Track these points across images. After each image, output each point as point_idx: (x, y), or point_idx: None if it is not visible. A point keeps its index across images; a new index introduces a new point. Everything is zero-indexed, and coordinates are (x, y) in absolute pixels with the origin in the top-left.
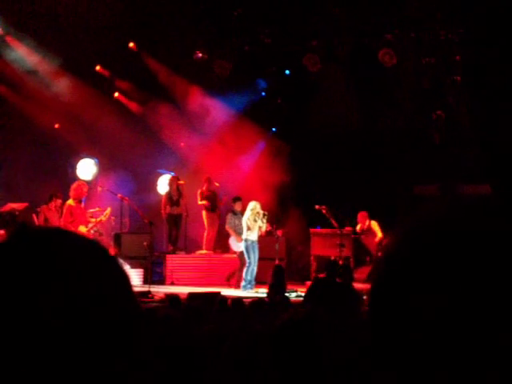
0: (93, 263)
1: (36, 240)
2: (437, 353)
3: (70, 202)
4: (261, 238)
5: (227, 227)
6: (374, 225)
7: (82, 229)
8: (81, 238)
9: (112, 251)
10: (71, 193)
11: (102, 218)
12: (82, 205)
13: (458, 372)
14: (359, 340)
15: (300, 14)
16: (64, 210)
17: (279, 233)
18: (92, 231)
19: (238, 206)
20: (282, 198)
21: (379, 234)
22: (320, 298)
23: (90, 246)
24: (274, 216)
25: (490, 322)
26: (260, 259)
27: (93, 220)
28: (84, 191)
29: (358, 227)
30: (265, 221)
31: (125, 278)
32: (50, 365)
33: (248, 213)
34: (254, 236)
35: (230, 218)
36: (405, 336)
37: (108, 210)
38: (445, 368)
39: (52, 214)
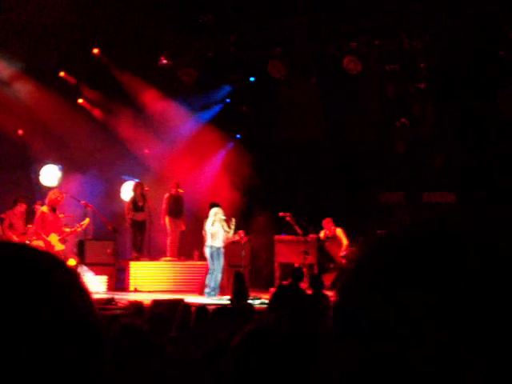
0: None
1: None
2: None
3: (44, 208)
4: (227, 245)
5: (203, 233)
6: (339, 232)
7: (54, 237)
8: (27, 251)
9: (75, 259)
10: (46, 200)
11: (78, 228)
12: (57, 213)
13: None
14: (323, 347)
15: (264, 21)
16: (36, 217)
17: (245, 239)
18: (64, 240)
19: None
20: (246, 205)
21: (344, 242)
22: (284, 305)
23: (39, 259)
24: (241, 222)
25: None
26: (227, 266)
27: (67, 230)
28: (58, 199)
29: (322, 234)
30: (233, 227)
31: (81, 291)
32: None
33: (210, 219)
34: (217, 243)
35: (207, 223)
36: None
37: (86, 221)
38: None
39: (17, 220)
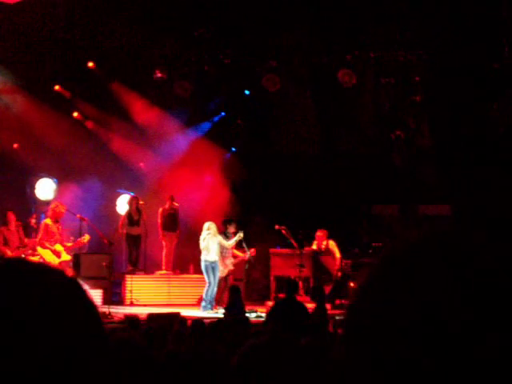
0: (58, 294)
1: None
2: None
3: (48, 221)
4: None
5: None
6: (332, 245)
7: (59, 247)
8: (41, 268)
9: (70, 272)
10: (49, 213)
11: (80, 242)
12: (59, 225)
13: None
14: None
15: (259, 35)
16: (40, 229)
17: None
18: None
19: (231, 228)
20: (241, 218)
21: (337, 254)
22: (281, 318)
23: (54, 276)
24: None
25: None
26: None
27: (69, 244)
28: (62, 211)
29: (315, 246)
30: (235, 239)
31: (92, 308)
32: None
33: (204, 233)
34: (211, 257)
35: (220, 240)
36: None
37: (86, 237)
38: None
39: (11, 235)
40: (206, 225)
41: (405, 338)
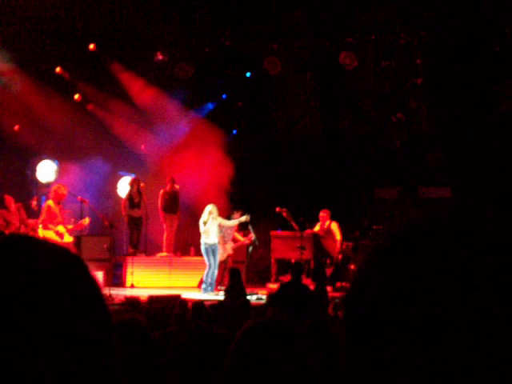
0: (64, 270)
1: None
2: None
3: (50, 202)
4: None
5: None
6: (334, 226)
7: (61, 228)
8: (50, 244)
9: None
10: (51, 194)
11: (80, 224)
12: (61, 207)
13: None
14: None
15: (260, 17)
16: (43, 210)
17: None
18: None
19: (236, 216)
20: (242, 201)
21: (338, 237)
22: (285, 301)
23: (59, 252)
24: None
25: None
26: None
27: (69, 227)
28: (64, 193)
29: (318, 227)
30: (241, 219)
31: (96, 286)
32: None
33: (205, 216)
34: (211, 239)
35: (221, 221)
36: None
37: (86, 220)
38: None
39: (11, 216)
40: (208, 208)
41: (404, 322)
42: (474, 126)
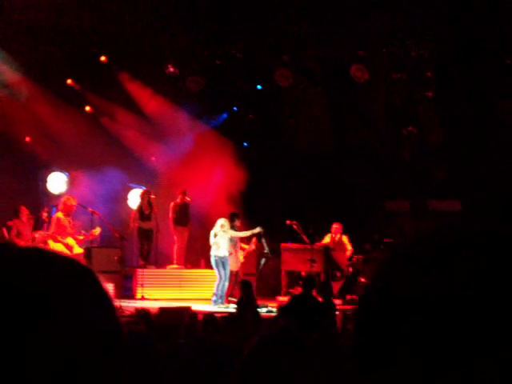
0: (75, 282)
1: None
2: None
3: (59, 214)
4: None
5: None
6: (345, 239)
7: (71, 241)
8: (60, 256)
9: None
10: (60, 206)
11: (91, 235)
12: (70, 219)
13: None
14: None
15: (272, 29)
16: (53, 222)
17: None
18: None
19: (237, 222)
20: (252, 213)
21: (349, 248)
22: (295, 314)
23: (70, 264)
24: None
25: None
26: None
27: (80, 237)
28: (73, 205)
29: (329, 238)
30: (254, 231)
31: (107, 297)
32: None
33: (217, 228)
34: (221, 252)
35: (232, 233)
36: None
37: (97, 230)
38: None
39: (24, 227)
40: (220, 221)
41: (415, 335)
42: (485, 139)
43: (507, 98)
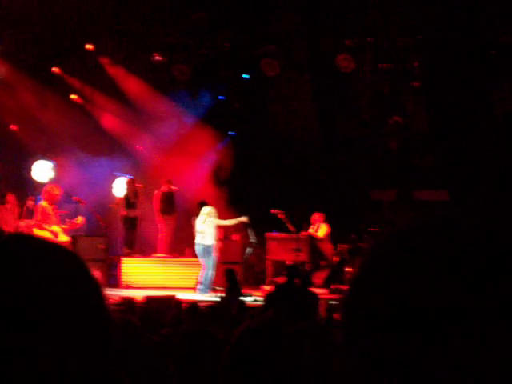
0: (64, 268)
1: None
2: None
3: (44, 203)
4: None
5: (194, 230)
6: (323, 226)
7: (56, 228)
8: (49, 243)
9: None
10: (45, 195)
11: (75, 223)
12: (54, 207)
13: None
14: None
15: (258, 19)
16: (37, 211)
17: (236, 237)
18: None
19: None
20: (238, 202)
21: (320, 234)
22: (280, 303)
23: (58, 250)
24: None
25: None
26: (224, 263)
27: (64, 226)
28: (57, 194)
29: (311, 229)
30: (240, 219)
31: (96, 283)
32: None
33: (202, 217)
34: (207, 240)
35: (219, 222)
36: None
37: (79, 219)
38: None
39: (9, 215)
40: (207, 209)
41: (400, 326)
42: (472, 128)
43: (494, 86)
